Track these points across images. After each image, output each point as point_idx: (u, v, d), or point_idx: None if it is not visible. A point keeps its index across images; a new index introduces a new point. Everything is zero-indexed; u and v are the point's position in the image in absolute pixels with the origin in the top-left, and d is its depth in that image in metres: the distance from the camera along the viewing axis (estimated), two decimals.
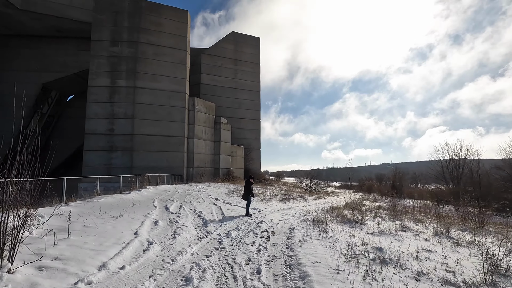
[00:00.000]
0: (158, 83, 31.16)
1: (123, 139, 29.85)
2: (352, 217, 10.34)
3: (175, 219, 8.95)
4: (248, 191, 10.85)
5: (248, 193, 10.84)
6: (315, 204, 19.97)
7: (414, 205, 22.01)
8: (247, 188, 10.93)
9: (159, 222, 8.10)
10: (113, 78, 30.12)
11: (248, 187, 10.91)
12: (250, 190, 10.88)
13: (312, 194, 27.73)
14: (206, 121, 34.45)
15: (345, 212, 14.16)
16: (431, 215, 15.15)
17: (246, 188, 10.96)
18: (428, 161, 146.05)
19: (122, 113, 29.94)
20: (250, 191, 10.88)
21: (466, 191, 25.56)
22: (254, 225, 9.10)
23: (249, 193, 10.84)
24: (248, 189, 10.85)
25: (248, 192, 10.85)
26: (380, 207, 20.37)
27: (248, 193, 10.85)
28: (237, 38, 43.78)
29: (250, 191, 10.88)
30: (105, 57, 30.17)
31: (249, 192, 10.85)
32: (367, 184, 40.88)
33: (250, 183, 11.10)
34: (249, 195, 10.84)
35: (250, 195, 10.86)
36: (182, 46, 32.42)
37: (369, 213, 13.88)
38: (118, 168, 29.00)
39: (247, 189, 10.91)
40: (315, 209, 16.26)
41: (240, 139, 42.56)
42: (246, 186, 11.01)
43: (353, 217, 10.36)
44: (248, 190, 10.86)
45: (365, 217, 11.18)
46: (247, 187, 10.95)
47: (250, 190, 10.85)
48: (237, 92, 43.28)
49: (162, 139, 30.90)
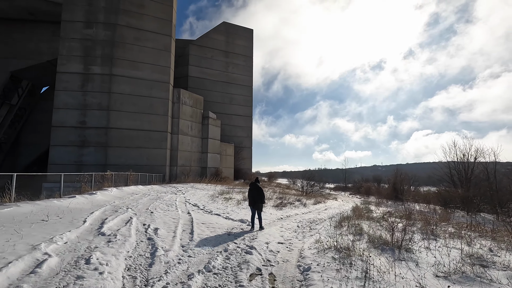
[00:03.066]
0: (139, 71, 26.99)
1: (97, 133, 25.56)
2: (391, 240, 6.55)
3: (96, 249, 4.97)
4: (258, 197, 8.04)
5: (258, 199, 8.03)
6: (316, 210, 16.24)
7: (423, 210, 18.53)
8: (257, 192, 8.09)
9: (50, 262, 4.09)
10: (87, 64, 25.84)
11: (257, 192, 8.09)
12: (261, 196, 8.06)
13: (309, 197, 24.01)
14: (192, 116, 30.39)
15: (363, 224, 10.43)
16: (470, 228, 11.56)
17: (253, 193, 8.13)
18: (421, 163, 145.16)
19: (96, 104, 25.67)
20: (261, 197, 8.06)
21: (481, 194, 22.31)
22: (239, 257, 5.24)
23: (259, 200, 8.04)
24: (259, 194, 8.05)
25: (259, 198, 8.04)
26: (390, 214, 16.78)
27: (258, 200, 8.03)
28: (229, 29, 39.90)
29: (261, 197, 8.06)
30: (77, 40, 25.87)
31: (260, 198, 8.04)
32: (365, 186, 37.45)
33: (260, 187, 8.25)
34: (260, 202, 8.06)
35: (261, 203, 8.10)
36: (167, 31, 28.35)
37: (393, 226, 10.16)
38: (90, 166, 24.70)
39: (257, 194, 8.07)
40: (321, 218, 12.51)
41: (231, 137, 38.59)
42: (255, 190, 8.18)
43: (392, 239, 6.57)
44: (257, 195, 8.06)
45: (400, 232, 7.39)
46: (257, 191, 8.12)
47: (261, 196, 8.06)
48: (228, 86, 39.34)
49: (142, 134, 26.72)
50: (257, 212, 8.04)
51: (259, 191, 8.05)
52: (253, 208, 8.05)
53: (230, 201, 14.44)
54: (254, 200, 7.97)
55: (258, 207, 7.97)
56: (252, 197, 8.03)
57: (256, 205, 7.96)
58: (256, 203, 7.96)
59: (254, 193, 8.04)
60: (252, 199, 8.01)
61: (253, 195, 8.03)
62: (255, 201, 7.96)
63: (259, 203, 7.98)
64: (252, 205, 8.03)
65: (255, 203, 7.97)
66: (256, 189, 8.08)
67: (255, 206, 8.00)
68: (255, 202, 7.96)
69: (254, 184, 8.25)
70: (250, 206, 8.14)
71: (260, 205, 8.00)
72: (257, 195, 7.99)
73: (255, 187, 8.14)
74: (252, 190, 8.15)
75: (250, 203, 8.08)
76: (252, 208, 8.04)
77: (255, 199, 7.97)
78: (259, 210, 8.00)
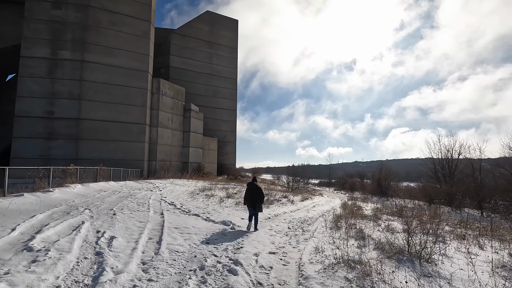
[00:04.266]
0: (114, 58, 24.70)
1: (67, 125, 23.17)
2: (408, 248, 5.33)
3: (7, 276, 3.39)
4: (258, 197, 7.52)
5: (258, 199, 7.50)
6: (304, 207, 15.06)
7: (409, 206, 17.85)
8: (256, 192, 7.58)
9: None
10: (55, 48, 23.28)
11: (257, 192, 7.60)
12: (261, 196, 7.58)
13: (296, 193, 22.90)
14: (173, 107, 28.42)
15: (360, 225, 9.28)
16: (465, 226, 10.70)
17: (252, 193, 7.59)
18: (399, 159, 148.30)
19: (66, 92, 23.22)
20: (261, 197, 7.58)
21: (466, 190, 22.04)
22: (219, 280, 3.80)
23: (259, 200, 7.52)
24: (258, 194, 7.56)
25: (259, 198, 7.52)
26: (379, 210, 15.90)
27: (258, 200, 7.50)
28: (213, 18, 37.89)
29: (261, 197, 7.58)
30: (44, 21, 23.23)
31: (260, 198, 7.55)
32: (350, 182, 36.92)
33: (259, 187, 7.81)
34: (260, 202, 7.56)
35: (261, 203, 7.59)
36: (146, 16, 26.15)
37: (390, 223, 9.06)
38: (58, 160, 22.27)
39: (256, 194, 7.55)
40: (311, 217, 11.30)
41: (214, 131, 36.85)
42: (254, 190, 7.66)
43: (408, 248, 5.35)
44: (256, 195, 7.54)
45: (416, 236, 6.22)
46: (256, 191, 7.61)
47: (261, 196, 7.59)
48: (212, 78, 37.45)
49: (117, 126, 24.54)
50: (256, 213, 7.56)
51: (259, 190, 7.61)
52: (252, 209, 7.53)
53: (212, 198, 12.95)
54: (254, 200, 7.49)
55: (258, 208, 7.51)
56: (252, 197, 7.55)
57: (257, 205, 7.48)
58: (256, 204, 7.48)
59: (253, 193, 7.58)
60: (252, 200, 7.52)
61: (252, 195, 7.57)
62: (255, 201, 7.48)
63: (259, 203, 7.53)
64: (251, 206, 7.52)
65: (255, 204, 7.48)
66: (255, 189, 7.64)
67: (255, 207, 7.49)
68: (255, 203, 7.48)
69: (252, 184, 7.80)
70: (249, 207, 7.60)
71: (260, 205, 7.56)
72: (256, 195, 7.53)
73: (254, 187, 7.68)
74: (251, 190, 7.69)
75: (249, 204, 7.56)
76: (252, 209, 7.52)
77: (255, 199, 7.49)
78: (259, 210, 7.55)
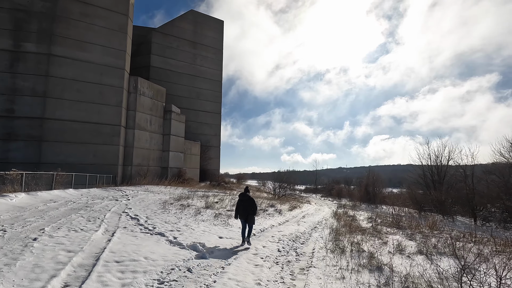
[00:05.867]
0: (86, 53, 22.31)
1: (29, 125, 20.47)
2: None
3: None
4: (251, 209, 7.02)
5: (251, 211, 7.02)
6: (293, 218, 13.33)
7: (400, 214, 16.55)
8: (249, 203, 7.08)
9: None
10: (18, 40, 20.67)
11: (249, 203, 7.09)
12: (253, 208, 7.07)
13: (283, 201, 21.16)
14: (152, 108, 26.18)
15: (364, 240, 7.62)
16: (471, 239, 9.27)
17: (245, 204, 7.09)
18: (382, 165, 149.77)
19: (29, 89, 20.58)
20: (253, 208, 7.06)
21: (457, 197, 21.09)
22: None
23: (251, 211, 7.02)
24: (251, 205, 7.06)
25: (251, 209, 7.03)
26: (374, 221, 14.45)
27: (251, 212, 7.02)
28: (197, 18, 36.07)
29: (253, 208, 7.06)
30: (6, 10, 20.62)
31: (252, 209, 7.03)
32: (337, 188, 35.64)
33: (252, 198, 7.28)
34: (253, 214, 7.06)
35: (253, 215, 7.09)
36: (122, 9, 23.98)
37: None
38: (18, 164, 19.25)
39: (249, 205, 7.06)
40: (303, 232, 9.53)
41: (197, 135, 34.71)
42: (246, 201, 7.14)
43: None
44: (249, 206, 7.04)
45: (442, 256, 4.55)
46: (249, 202, 7.11)
47: (254, 207, 7.08)
48: (196, 80, 35.44)
49: (88, 127, 22.03)
50: (249, 226, 7.03)
51: (251, 201, 7.11)
52: (244, 222, 7.02)
53: (187, 209, 10.95)
54: (247, 211, 6.99)
55: (251, 220, 7.00)
56: (244, 208, 7.04)
57: (249, 217, 6.97)
58: (249, 215, 6.97)
59: (246, 204, 7.08)
60: (244, 211, 7.02)
61: (245, 207, 7.06)
62: (248, 213, 6.98)
63: (252, 215, 7.03)
64: (244, 218, 7.01)
65: (248, 216, 6.97)
66: (248, 200, 7.13)
67: (248, 219, 6.97)
68: (248, 215, 6.97)
69: (245, 195, 7.26)
70: (241, 219, 7.10)
71: (253, 217, 7.07)
72: (249, 206, 7.03)
73: (247, 198, 7.18)
74: (243, 201, 7.16)
75: (242, 216, 7.05)
76: (244, 221, 7.02)
77: (248, 210, 6.99)
78: (252, 223, 7.04)
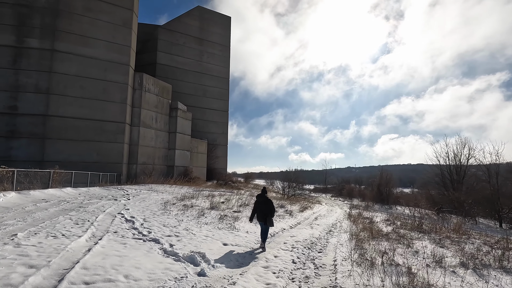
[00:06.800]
0: (90, 49, 21.67)
1: (32, 122, 19.92)
2: None
3: None
4: (269, 211, 6.56)
5: (269, 213, 6.56)
6: (305, 220, 12.23)
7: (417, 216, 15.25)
8: (267, 205, 6.61)
9: None
10: (21, 35, 20.15)
11: (268, 205, 6.62)
12: (272, 209, 6.62)
13: (293, 201, 20.02)
14: (158, 106, 25.41)
15: (390, 248, 6.48)
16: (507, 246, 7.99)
17: (263, 207, 6.65)
18: (392, 165, 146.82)
19: (32, 85, 20.04)
20: (271, 210, 6.59)
21: (481, 198, 19.50)
22: None
23: (269, 213, 6.56)
24: (269, 207, 6.59)
25: (268, 210, 6.57)
26: (393, 223, 13.26)
27: (267, 213, 6.56)
28: (204, 14, 35.22)
29: (271, 210, 6.59)
30: (9, 5, 20.13)
31: (270, 211, 6.57)
32: (347, 188, 34.25)
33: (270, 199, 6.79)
34: (269, 215, 6.57)
35: (271, 217, 6.63)
36: (127, 3, 23.25)
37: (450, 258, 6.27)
38: (21, 162, 18.94)
39: (267, 207, 6.59)
40: (319, 237, 8.42)
41: (204, 133, 33.87)
42: (264, 203, 6.69)
43: None
44: (267, 208, 6.58)
45: None
46: (267, 204, 6.64)
47: (271, 209, 6.60)
48: (202, 77, 34.60)
49: (92, 124, 21.38)
50: (266, 229, 6.72)
51: (269, 203, 6.76)
52: (264, 224, 6.69)
53: (189, 210, 9.98)
54: (265, 213, 6.64)
55: (269, 222, 6.66)
56: (263, 210, 6.69)
57: (268, 219, 6.64)
58: (268, 217, 6.64)
59: (264, 206, 6.71)
60: (262, 213, 6.69)
61: (263, 208, 6.70)
62: (266, 215, 6.64)
63: (271, 217, 6.70)
64: (262, 220, 6.69)
65: (266, 218, 6.63)
66: (266, 202, 6.77)
67: (266, 222, 6.63)
68: (266, 216, 6.63)
69: (262, 196, 6.92)
70: (259, 221, 6.80)
71: (271, 219, 6.72)
72: (267, 207, 6.69)
73: (264, 199, 6.81)
74: (261, 202, 6.82)
75: (260, 218, 6.74)
76: (263, 224, 6.69)
77: (266, 212, 6.63)
78: (271, 225, 6.71)
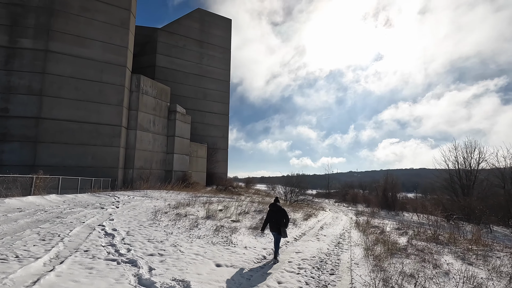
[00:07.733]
0: (85, 49, 20.88)
1: (24, 125, 19.04)
2: None
3: None
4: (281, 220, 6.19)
5: (282, 223, 6.18)
6: (310, 230, 11.15)
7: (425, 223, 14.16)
8: (280, 214, 6.26)
9: None
10: (14, 35, 19.39)
11: (281, 214, 6.26)
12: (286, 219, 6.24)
13: (296, 208, 18.93)
14: (156, 108, 24.52)
15: (419, 275, 5.41)
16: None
17: (276, 216, 6.29)
18: (394, 169, 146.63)
19: (25, 87, 19.20)
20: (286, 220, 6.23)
21: (495, 204, 18.37)
22: None
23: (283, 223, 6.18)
24: (281, 216, 6.22)
25: (282, 220, 6.20)
26: (405, 233, 12.20)
27: (282, 224, 6.18)
28: (204, 16, 34.56)
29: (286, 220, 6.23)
30: (1, 4, 19.42)
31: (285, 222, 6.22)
32: (351, 193, 33.08)
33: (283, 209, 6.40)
34: (284, 226, 6.21)
35: (285, 227, 6.24)
36: (124, 3, 22.52)
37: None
38: (12, 166, 18.00)
39: (280, 216, 6.24)
40: (328, 252, 7.32)
41: (204, 137, 32.91)
42: (275, 211, 6.34)
43: None
44: (280, 218, 6.21)
45: None
46: (280, 213, 6.27)
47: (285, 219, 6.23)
48: (202, 80, 33.79)
49: (87, 127, 20.47)
50: (279, 239, 6.35)
51: (283, 212, 6.37)
52: (277, 235, 6.32)
53: (182, 220, 8.94)
54: (279, 224, 6.28)
55: (284, 233, 6.29)
56: (276, 220, 6.32)
57: (282, 229, 6.26)
58: (281, 228, 6.26)
59: (277, 216, 6.34)
60: (275, 223, 6.31)
61: (276, 218, 6.33)
62: (280, 225, 6.27)
63: (284, 227, 6.32)
64: (276, 230, 6.31)
65: (280, 228, 6.25)
66: (279, 211, 6.40)
67: (280, 232, 6.26)
68: (280, 227, 6.27)
69: (275, 205, 6.55)
70: (272, 231, 6.43)
71: (285, 230, 6.35)
72: (281, 217, 6.31)
73: (277, 209, 6.46)
74: (274, 211, 6.45)
75: (272, 228, 6.39)
76: (277, 234, 6.31)
77: (280, 222, 6.26)
78: (285, 235, 6.31)
